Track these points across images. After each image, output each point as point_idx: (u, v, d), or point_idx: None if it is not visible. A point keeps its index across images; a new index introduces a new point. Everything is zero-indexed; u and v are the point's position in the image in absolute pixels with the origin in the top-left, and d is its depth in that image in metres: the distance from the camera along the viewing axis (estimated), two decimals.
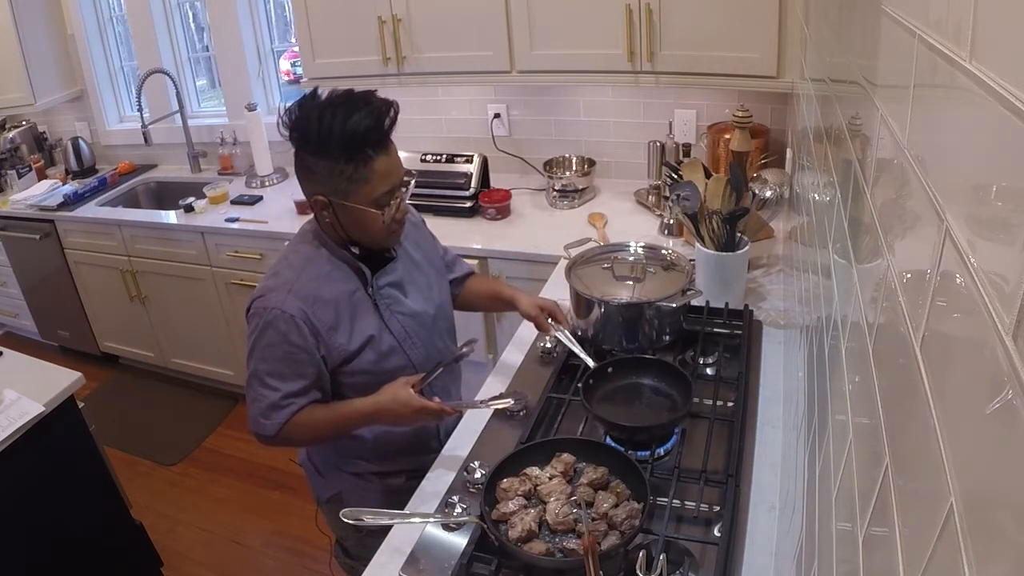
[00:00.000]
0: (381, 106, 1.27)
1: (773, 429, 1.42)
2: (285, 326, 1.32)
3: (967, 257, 0.40)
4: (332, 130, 1.23)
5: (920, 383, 0.47)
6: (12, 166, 3.65)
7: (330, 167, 1.27)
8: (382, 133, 1.27)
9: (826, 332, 0.97)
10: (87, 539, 2.12)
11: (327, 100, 1.26)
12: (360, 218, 1.32)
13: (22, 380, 1.99)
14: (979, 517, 0.36)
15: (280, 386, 1.35)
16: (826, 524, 0.76)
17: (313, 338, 1.34)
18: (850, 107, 0.93)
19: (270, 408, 1.36)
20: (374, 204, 1.30)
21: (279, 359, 1.34)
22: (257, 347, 1.35)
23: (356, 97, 1.26)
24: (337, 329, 1.36)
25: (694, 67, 2.15)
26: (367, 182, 1.28)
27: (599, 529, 1.13)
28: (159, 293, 3.27)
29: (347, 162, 1.26)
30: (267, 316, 1.32)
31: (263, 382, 1.36)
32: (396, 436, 1.50)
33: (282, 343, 1.33)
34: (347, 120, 1.23)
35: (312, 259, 1.38)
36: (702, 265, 1.82)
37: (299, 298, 1.33)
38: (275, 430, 1.37)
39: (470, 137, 2.92)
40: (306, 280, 1.35)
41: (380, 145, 1.27)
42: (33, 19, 3.49)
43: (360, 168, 1.26)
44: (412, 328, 1.47)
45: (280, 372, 1.35)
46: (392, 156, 1.31)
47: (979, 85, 0.40)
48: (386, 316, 1.43)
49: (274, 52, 3.39)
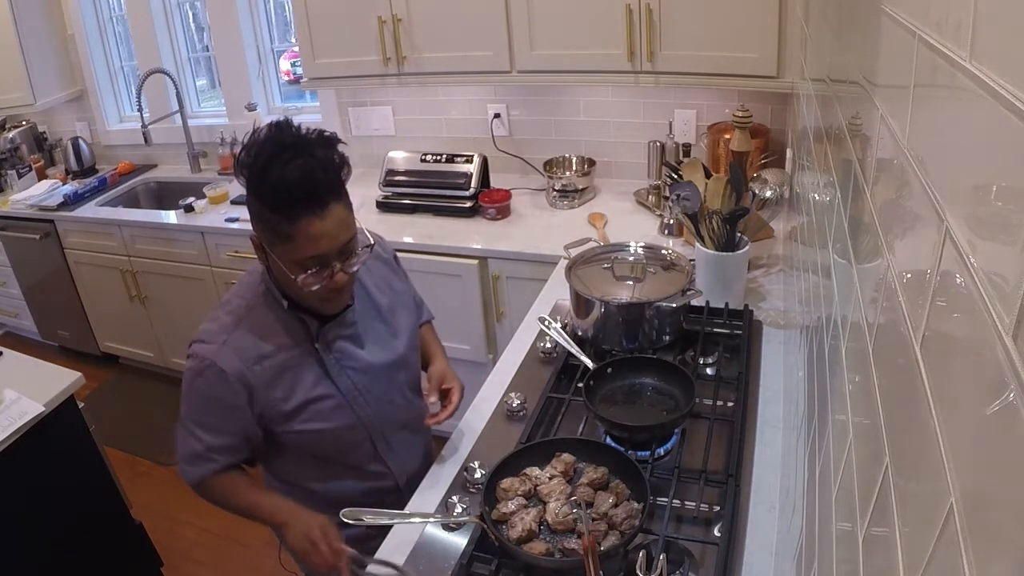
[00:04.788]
0: (327, 162, 1.12)
1: (773, 429, 1.42)
2: (216, 379, 1.23)
3: (967, 257, 0.40)
4: (267, 172, 1.10)
5: (920, 383, 0.47)
6: (12, 166, 3.65)
7: (259, 210, 1.14)
8: (315, 192, 1.10)
9: (826, 332, 0.97)
10: (87, 539, 2.12)
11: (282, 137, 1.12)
12: (284, 275, 1.18)
13: (22, 380, 1.99)
14: (979, 517, 0.36)
15: (204, 437, 1.28)
16: (826, 524, 0.76)
17: (247, 395, 1.24)
18: (850, 107, 0.93)
19: (194, 456, 1.30)
20: (297, 266, 1.16)
21: (207, 411, 1.27)
22: (187, 392, 1.28)
23: (308, 142, 1.13)
24: (275, 387, 1.26)
25: (694, 67, 2.15)
26: (290, 240, 1.13)
27: (599, 529, 1.13)
28: (159, 293, 3.27)
29: (272, 211, 1.11)
30: (200, 364, 1.24)
31: (189, 430, 1.30)
32: (349, 491, 1.41)
33: (210, 396, 1.25)
34: (285, 166, 1.09)
35: (255, 307, 1.27)
36: (702, 265, 1.82)
37: (235, 351, 1.23)
38: (195, 481, 1.32)
39: (470, 137, 2.92)
40: (244, 332, 1.25)
41: (313, 204, 1.11)
42: (33, 19, 3.49)
43: (283, 224, 1.11)
44: (364, 384, 1.34)
45: (206, 423, 1.28)
46: (330, 220, 1.13)
47: (979, 85, 0.40)
48: (334, 372, 1.31)
49: (274, 52, 3.39)
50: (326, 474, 1.40)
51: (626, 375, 1.50)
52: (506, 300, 2.43)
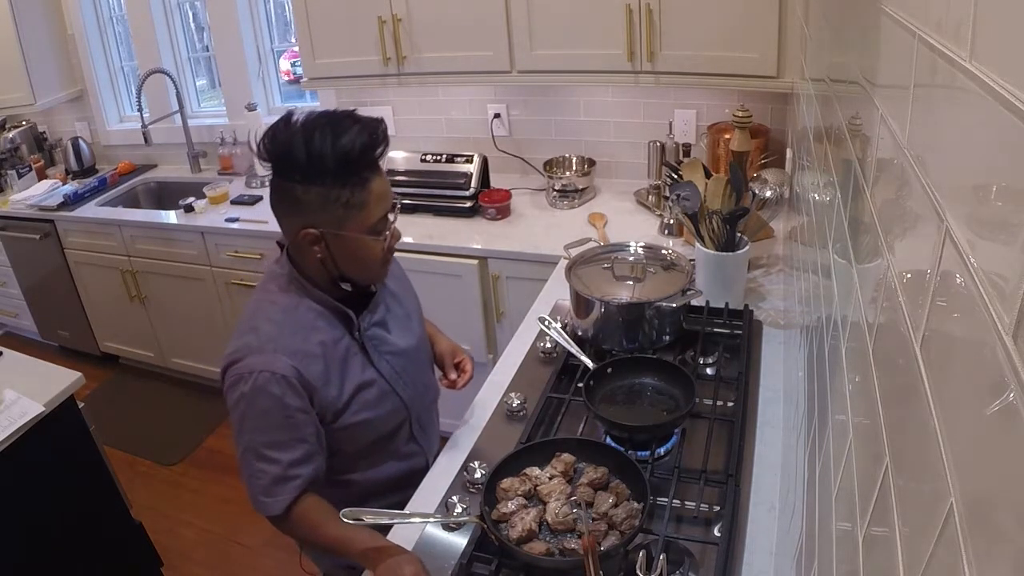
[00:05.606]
0: (370, 123, 1.16)
1: (773, 429, 1.42)
2: (279, 388, 1.18)
3: (967, 257, 0.40)
4: (324, 152, 1.11)
5: (920, 383, 0.47)
6: (12, 166, 3.65)
7: (323, 194, 1.15)
8: (377, 152, 1.17)
9: (826, 332, 0.97)
10: (87, 539, 2.12)
11: (309, 122, 1.14)
12: (356, 249, 1.21)
13: (22, 380, 1.99)
14: (979, 517, 0.36)
15: (281, 457, 1.21)
16: (826, 524, 0.76)
17: (308, 396, 1.22)
18: (850, 107, 0.93)
19: (274, 483, 1.22)
20: (371, 231, 1.20)
21: (277, 427, 1.20)
22: (248, 417, 1.20)
23: (340, 116, 1.16)
24: (329, 383, 1.25)
25: (694, 67, 2.15)
26: (364, 207, 1.17)
27: (599, 529, 1.13)
28: (159, 293, 3.27)
29: (343, 186, 1.14)
30: (255, 381, 1.18)
31: (261, 455, 1.21)
32: (386, 476, 1.41)
33: (278, 408, 1.19)
34: (337, 140, 1.12)
35: (292, 309, 1.25)
36: (702, 265, 1.82)
37: (288, 354, 1.20)
38: (282, 508, 1.22)
39: (470, 137, 2.92)
40: (290, 334, 1.22)
41: (375, 165, 1.18)
42: (33, 19, 3.49)
43: (357, 192, 1.16)
44: (400, 366, 1.37)
45: (279, 441, 1.21)
46: (384, 177, 1.21)
47: (979, 85, 0.40)
48: (375, 359, 1.33)
49: (274, 52, 3.40)
50: (368, 463, 1.41)
51: (626, 375, 1.50)
52: (506, 300, 2.43)
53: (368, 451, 1.39)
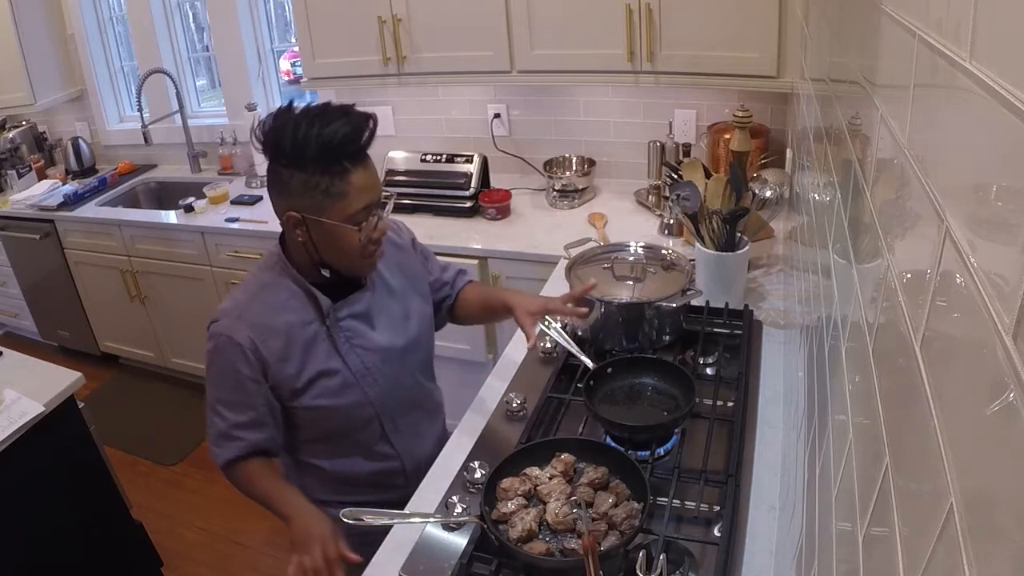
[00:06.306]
0: (359, 117, 1.22)
1: (773, 429, 1.42)
2: (232, 354, 1.28)
3: (967, 257, 0.40)
4: (308, 140, 1.17)
5: (920, 383, 0.47)
6: (12, 166, 3.65)
7: (305, 180, 1.21)
8: (360, 144, 1.21)
9: (826, 332, 0.97)
10: (87, 539, 2.12)
11: (304, 111, 1.21)
12: (334, 237, 1.25)
13: (22, 380, 1.99)
14: (979, 517, 0.36)
15: (228, 415, 1.32)
16: (826, 524, 0.76)
17: (261, 368, 1.29)
18: (850, 107, 0.93)
19: (220, 436, 1.33)
20: (350, 221, 1.24)
21: (228, 387, 1.31)
22: (210, 372, 1.33)
23: (333, 108, 1.22)
24: (287, 361, 1.31)
25: (694, 67, 2.15)
26: (343, 196, 1.22)
27: (599, 529, 1.13)
28: (159, 293, 3.27)
29: (323, 174, 1.20)
30: (217, 342, 1.29)
31: (214, 408, 1.33)
32: (356, 470, 1.45)
33: (230, 371, 1.29)
34: (323, 129, 1.18)
35: (268, 286, 1.33)
36: (702, 265, 1.82)
37: (248, 326, 1.29)
38: (223, 462, 1.34)
39: (470, 137, 2.92)
40: (258, 307, 1.31)
41: (357, 157, 1.22)
42: (33, 19, 3.49)
43: (336, 181, 1.21)
44: (373, 363, 1.39)
45: (229, 400, 1.32)
46: (370, 171, 1.25)
47: (979, 85, 0.40)
48: (344, 350, 1.36)
49: (274, 52, 3.40)
50: (334, 451, 1.44)
51: (626, 375, 1.50)
52: None
53: (331, 439, 1.42)
